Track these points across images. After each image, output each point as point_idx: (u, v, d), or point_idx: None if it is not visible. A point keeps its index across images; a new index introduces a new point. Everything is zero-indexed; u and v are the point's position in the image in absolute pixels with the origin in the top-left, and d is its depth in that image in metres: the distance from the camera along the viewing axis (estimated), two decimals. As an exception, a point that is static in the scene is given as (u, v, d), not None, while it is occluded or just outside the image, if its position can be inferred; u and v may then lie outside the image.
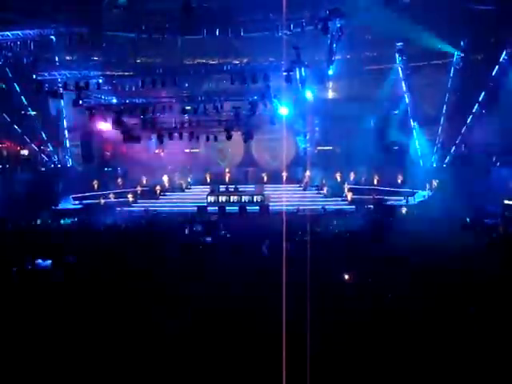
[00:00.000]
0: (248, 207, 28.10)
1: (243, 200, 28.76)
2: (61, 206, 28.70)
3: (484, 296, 10.19)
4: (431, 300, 9.95)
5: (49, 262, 13.33)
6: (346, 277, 11.64)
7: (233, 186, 30.18)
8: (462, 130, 27.02)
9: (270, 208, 27.59)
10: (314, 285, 9.22)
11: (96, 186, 30.59)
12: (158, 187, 30.89)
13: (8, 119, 27.25)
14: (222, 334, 8.41)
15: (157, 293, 10.45)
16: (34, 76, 21.45)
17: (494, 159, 26.16)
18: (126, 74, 23.41)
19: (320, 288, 9.74)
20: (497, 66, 24.97)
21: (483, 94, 25.74)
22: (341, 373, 7.35)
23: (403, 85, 28.16)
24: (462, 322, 8.82)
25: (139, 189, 30.79)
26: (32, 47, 20.05)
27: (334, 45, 20.65)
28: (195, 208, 28.20)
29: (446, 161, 27.94)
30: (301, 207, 25.80)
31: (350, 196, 28.77)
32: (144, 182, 31.32)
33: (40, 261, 13.29)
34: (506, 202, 23.30)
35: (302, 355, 7.05)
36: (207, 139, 28.48)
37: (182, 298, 9.89)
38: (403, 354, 7.67)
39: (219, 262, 13.67)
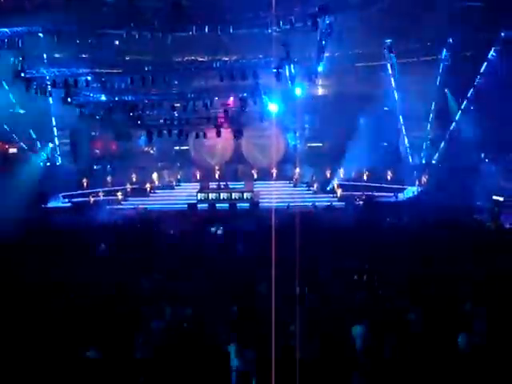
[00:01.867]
0: (238, 204, 28.09)
1: (233, 197, 28.74)
2: (50, 205, 28.55)
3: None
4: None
5: None
6: None
7: (223, 183, 30.14)
8: (451, 127, 27.17)
9: (260, 205, 27.62)
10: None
11: (85, 184, 30.44)
12: (148, 185, 30.78)
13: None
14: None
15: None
16: (23, 74, 21.22)
17: (482, 155, 26.33)
18: (115, 71, 23.26)
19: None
20: (485, 63, 25.12)
21: (472, 90, 25.89)
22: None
23: (392, 81, 28.27)
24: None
25: (129, 187, 30.68)
26: (20, 45, 19.88)
27: (324, 42, 20.66)
28: (185, 205, 28.20)
29: (435, 157, 28.09)
30: (291, 204, 25.81)
31: (339, 192, 28.85)
32: (134, 179, 31.20)
33: None
34: (495, 197, 23.46)
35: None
36: (197, 136, 28.33)
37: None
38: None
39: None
